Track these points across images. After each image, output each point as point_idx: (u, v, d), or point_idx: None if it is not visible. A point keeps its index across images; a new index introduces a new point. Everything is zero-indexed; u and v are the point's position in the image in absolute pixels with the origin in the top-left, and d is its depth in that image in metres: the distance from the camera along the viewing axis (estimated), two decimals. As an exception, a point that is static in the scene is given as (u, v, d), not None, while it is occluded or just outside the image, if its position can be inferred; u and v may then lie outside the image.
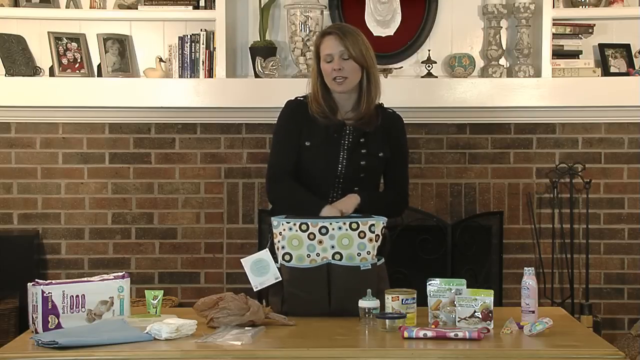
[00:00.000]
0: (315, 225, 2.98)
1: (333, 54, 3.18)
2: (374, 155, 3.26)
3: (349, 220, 3.00)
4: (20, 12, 4.65)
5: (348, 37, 3.19)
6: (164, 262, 4.75)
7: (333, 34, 3.21)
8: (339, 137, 3.23)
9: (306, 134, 3.23)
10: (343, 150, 3.23)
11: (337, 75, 3.17)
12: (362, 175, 3.24)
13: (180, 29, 4.66)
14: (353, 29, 3.26)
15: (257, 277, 3.02)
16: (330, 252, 2.99)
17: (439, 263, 4.62)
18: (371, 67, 3.23)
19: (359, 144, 3.24)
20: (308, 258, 2.99)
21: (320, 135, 3.22)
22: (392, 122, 3.34)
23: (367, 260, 3.00)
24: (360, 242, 2.99)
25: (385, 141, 3.29)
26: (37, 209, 4.71)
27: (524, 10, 4.56)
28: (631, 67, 4.67)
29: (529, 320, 2.79)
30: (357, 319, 2.87)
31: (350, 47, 3.17)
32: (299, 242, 2.99)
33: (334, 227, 2.99)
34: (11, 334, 4.26)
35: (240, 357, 2.56)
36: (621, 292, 4.74)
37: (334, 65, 3.17)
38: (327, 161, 3.22)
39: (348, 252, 2.98)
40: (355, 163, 3.24)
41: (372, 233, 2.99)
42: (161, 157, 4.72)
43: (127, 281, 2.87)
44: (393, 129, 3.33)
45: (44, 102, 4.58)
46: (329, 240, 2.98)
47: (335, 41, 3.19)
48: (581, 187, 4.66)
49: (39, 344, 2.59)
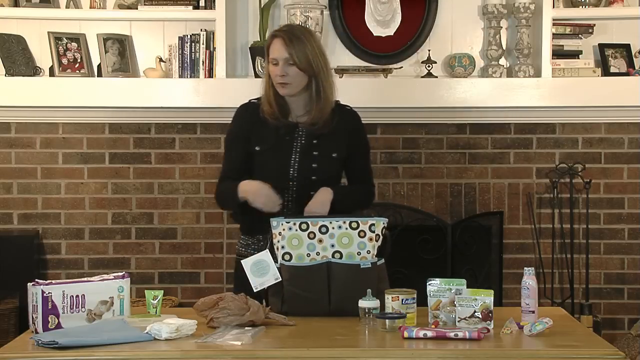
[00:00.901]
0: (315, 224, 2.99)
1: (278, 58, 3.11)
2: (327, 157, 3.20)
3: (349, 219, 3.00)
4: (20, 12, 4.65)
5: (294, 42, 3.10)
6: (164, 262, 4.75)
7: (280, 38, 3.13)
8: (291, 140, 3.19)
9: (256, 139, 3.19)
10: (295, 153, 3.18)
11: (279, 82, 3.12)
12: (314, 177, 3.18)
13: (180, 29, 4.66)
14: (303, 33, 3.18)
15: (257, 278, 3.02)
16: (330, 250, 2.99)
17: (439, 263, 4.62)
18: (319, 73, 3.14)
19: (311, 145, 3.19)
20: (308, 257, 2.99)
21: (271, 138, 3.18)
22: (350, 119, 3.28)
23: (367, 259, 3.00)
24: (360, 241, 2.99)
25: (342, 141, 3.23)
26: (37, 209, 4.71)
27: (524, 10, 4.56)
28: (631, 67, 4.67)
29: (529, 320, 2.78)
30: (357, 319, 2.87)
31: (295, 54, 3.09)
32: (298, 242, 2.99)
33: (333, 226, 2.99)
34: (11, 334, 4.26)
35: (240, 357, 2.56)
36: (621, 292, 4.74)
37: (278, 70, 3.11)
38: (279, 165, 3.17)
39: (348, 251, 2.98)
40: (307, 166, 3.18)
41: (372, 232, 2.99)
42: (161, 157, 4.72)
43: (127, 281, 2.87)
44: (351, 126, 3.27)
45: (44, 102, 4.58)
46: (329, 239, 2.98)
47: (281, 46, 3.11)
48: (581, 187, 4.66)
49: (39, 344, 2.59)
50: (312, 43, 3.16)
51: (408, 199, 4.72)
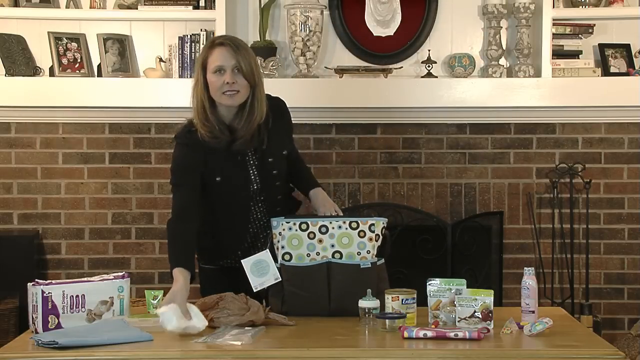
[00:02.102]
0: (315, 224, 2.99)
1: (225, 66, 2.99)
2: (280, 157, 3.17)
3: (349, 219, 3.00)
4: (20, 12, 4.65)
5: (241, 50, 3.01)
6: (164, 262, 4.72)
7: (226, 45, 3.01)
8: (243, 157, 3.10)
9: (211, 170, 3.07)
10: (252, 168, 3.13)
11: (229, 89, 2.99)
12: (277, 183, 3.18)
13: (180, 29, 4.66)
14: (243, 43, 3.09)
15: (257, 278, 3.02)
16: (330, 250, 2.99)
17: (439, 263, 4.62)
18: (258, 84, 3.04)
19: (263, 153, 3.12)
20: (308, 257, 2.99)
21: (227, 165, 3.08)
22: (280, 108, 3.20)
23: (367, 259, 3.00)
24: (360, 241, 2.99)
25: (285, 135, 3.20)
26: (37, 209, 4.71)
27: (524, 10, 4.56)
28: (631, 67, 4.67)
29: (529, 320, 2.79)
30: (357, 318, 2.87)
31: (242, 61, 2.99)
32: (298, 242, 3.00)
33: (333, 226, 2.99)
34: (11, 334, 4.26)
35: (240, 357, 2.56)
36: (621, 292, 4.74)
37: (227, 78, 2.98)
38: (241, 185, 3.12)
39: (348, 251, 2.99)
40: (268, 175, 3.15)
41: (372, 232, 3.00)
42: (161, 157, 4.71)
43: (127, 281, 2.88)
44: (284, 117, 3.21)
45: (44, 102, 4.58)
46: (329, 239, 2.99)
47: (228, 53, 2.99)
48: (581, 187, 4.66)
49: (39, 344, 2.59)
50: (252, 53, 3.08)
51: (408, 199, 4.72)
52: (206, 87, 3.03)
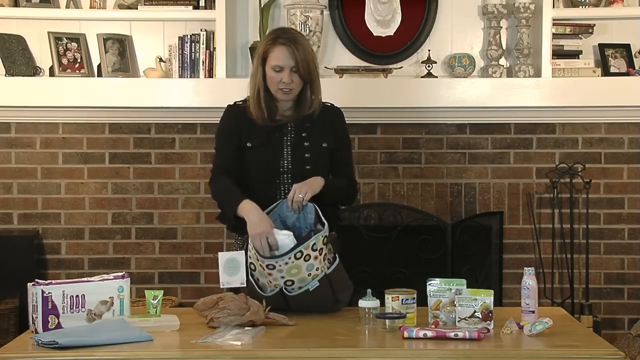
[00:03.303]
0: (263, 263, 2.98)
1: (284, 66, 3.16)
2: (318, 146, 3.26)
3: (292, 253, 2.95)
4: (20, 12, 4.65)
5: (299, 50, 3.16)
6: (164, 262, 4.75)
7: (286, 46, 3.16)
8: (281, 135, 3.24)
9: (247, 136, 3.23)
10: (286, 146, 3.23)
11: (285, 87, 3.17)
12: (307, 167, 3.22)
13: (180, 29, 4.66)
14: (303, 39, 3.24)
15: (226, 275, 3.04)
16: (282, 281, 2.99)
17: (439, 263, 4.62)
18: (315, 79, 3.23)
19: (301, 137, 3.24)
20: (265, 279, 3.01)
21: (261, 135, 3.22)
22: (333, 115, 3.34)
23: (318, 276, 3.00)
24: (307, 264, 2.98)
25: (328, 132, 3.29)
26: (37, 209, 4.71)
27: (524, 10, 4.56)
28: (631, 67, 4.67)
29: (529, 320, 2.79)
30: (357, 318, 2.87)
31: (301, 62, 3.15)
32: (255, 267, 3.02)
33: (280, 264, 2.97)
34: (11, 334, 4.26)
35: (240, 357, 2.56)
36: (621, 292, 4.74)
37: (284, 77, 3.16)
38: (271, 159, 3.22)
39: (299, 277, 2.99)
40: (300, 156, 3.23)
41: (314, 251, 2.98)
42: (161, 157, 4.72)
43: (127, 281, 2.88)
44: (335, 121, 3.34)
45: (44, 102, 4.58)
46: (278, 273, 2.98)
47: (287, 54, 3.16)
48: (581, 187, 4.66)
49: (39, 344, 2.59)
50: (310, 49, 3.24)
51: (408, 199, 4.72)
52: (264, 77, 3.21)
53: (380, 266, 4.60)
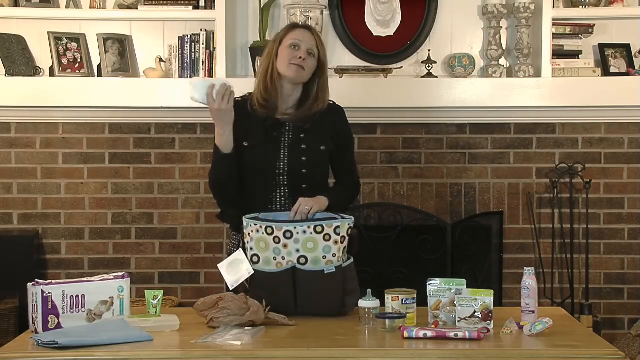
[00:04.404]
0: (280, 230, 2.95)
1: (302, 43, 3.19)
2: (315, 150, 3.23)
3: (314, 224, 2.96)
4: (20, 12, 4.65)
5: (318, 38, 3.25)
6: (164, 262, 4.75)
7: (307, 30, 3.26)
8: (279, 135, 3.22)
9: (243, 135, 3.20)
10: (283, 148, 3.21)
11: (298, 63, 3.17)
12: (304, 170, 3.21)
13: (180, 29, 4.66)
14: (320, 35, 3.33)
15: (231, 277, 3.03)
16: (296, 255, 2.96)
17: (439, 263, 4.62)
18: (324, 73, 3.26)
19: (299, 139, 3.22)
20: (275, 261, 2.98)
21: (259, 134, 3.21)
22: (335, 114, 3.32)
23: (333, 263, 2.98)
24: (325, 244, 2.96)
25: (327, 134, 3.26)
26: (37, 209, 4.71)
27: (524, 10, 4.56)
28: (631, 67, 4.67)
29: (529, 320, 2.79)
30: (357, 318, 2.87)
31: (320, 47, 3.23)
32: (265, 245, 2.98)
33: (298, 231, 2.95)
34: (11, 334, 4.26)
35: (240, 357, 2.56)
36: (621, 292, 4.74)
37: (301, 53, 3.18)
38: (268, 159, 3.20)
39: (313, 256, 2.96)
40: (297, 159, 3.20)
41: (337, 235, 2.97)
42: (161, 157, 4.72)
43: (127, 281, 2.87)
44: (338, 122, 3.32)
45: (44, 102, 4.58)
46: (294, 244, 2.95)
47: (309, 35, 3.22)
48: (581, 187, 4.66)
49: (39, 344, 2.59)
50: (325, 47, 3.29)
51: (408, 199, 4.72)
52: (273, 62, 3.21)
53: (380, 266, 4.60)
